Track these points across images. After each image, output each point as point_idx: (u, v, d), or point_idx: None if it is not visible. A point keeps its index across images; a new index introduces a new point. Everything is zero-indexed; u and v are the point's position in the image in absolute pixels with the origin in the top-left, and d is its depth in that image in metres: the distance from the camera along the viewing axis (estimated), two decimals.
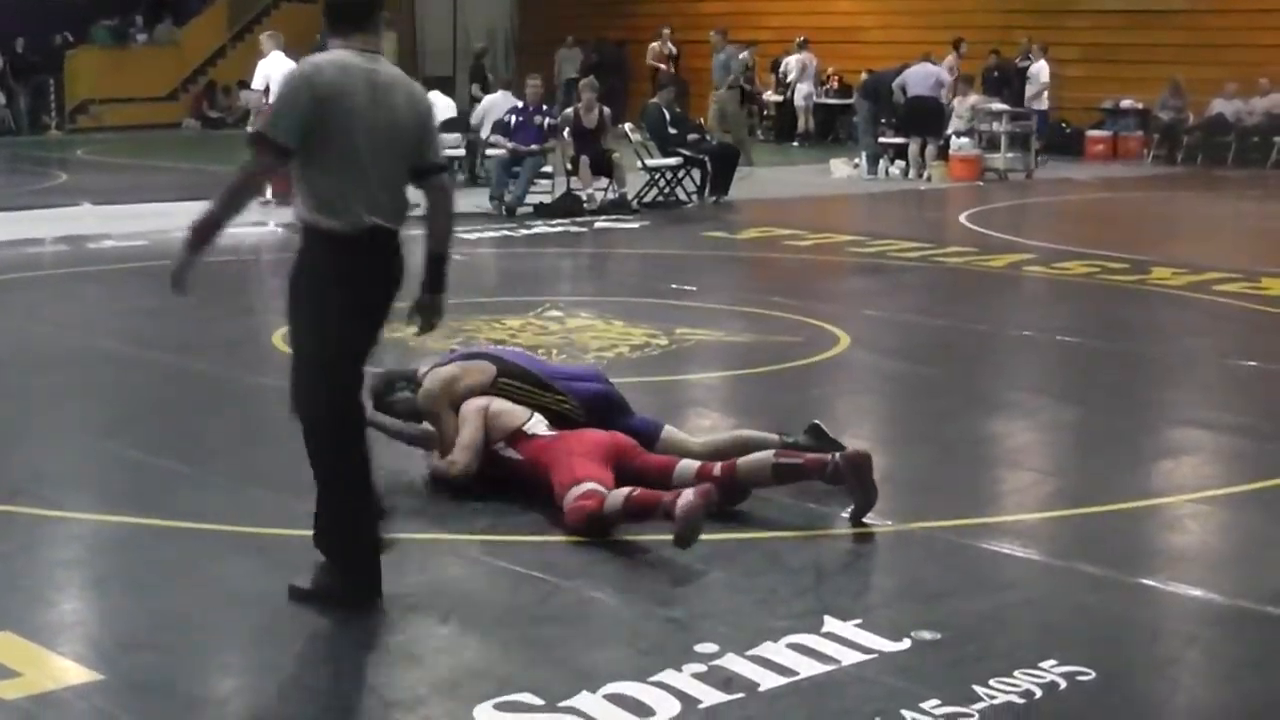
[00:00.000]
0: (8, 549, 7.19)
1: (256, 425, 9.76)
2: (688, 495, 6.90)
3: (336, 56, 6.42)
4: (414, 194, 6.61)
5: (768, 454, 7.74)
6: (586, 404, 8.23)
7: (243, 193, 6.39)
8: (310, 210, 6.35)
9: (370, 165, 6.36)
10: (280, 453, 8.81)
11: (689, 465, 7.74)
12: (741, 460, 7.71)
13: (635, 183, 21.91)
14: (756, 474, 7.65)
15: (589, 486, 7.33)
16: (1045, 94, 29.17)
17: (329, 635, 6.17)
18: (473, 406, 8.05)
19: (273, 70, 19.80)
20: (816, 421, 8.43)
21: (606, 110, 21.73)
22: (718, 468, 7.66)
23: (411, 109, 6.56)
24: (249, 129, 7.29)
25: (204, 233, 6.36)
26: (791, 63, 33.79)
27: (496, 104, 22.91)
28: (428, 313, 6.74)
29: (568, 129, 21.36)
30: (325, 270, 6.34)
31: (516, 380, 8.26)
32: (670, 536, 6.95)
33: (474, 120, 23.42)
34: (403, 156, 6.52)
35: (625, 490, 7.27)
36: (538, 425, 7.95)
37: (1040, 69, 29.22)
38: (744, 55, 29.04)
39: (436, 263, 6.75)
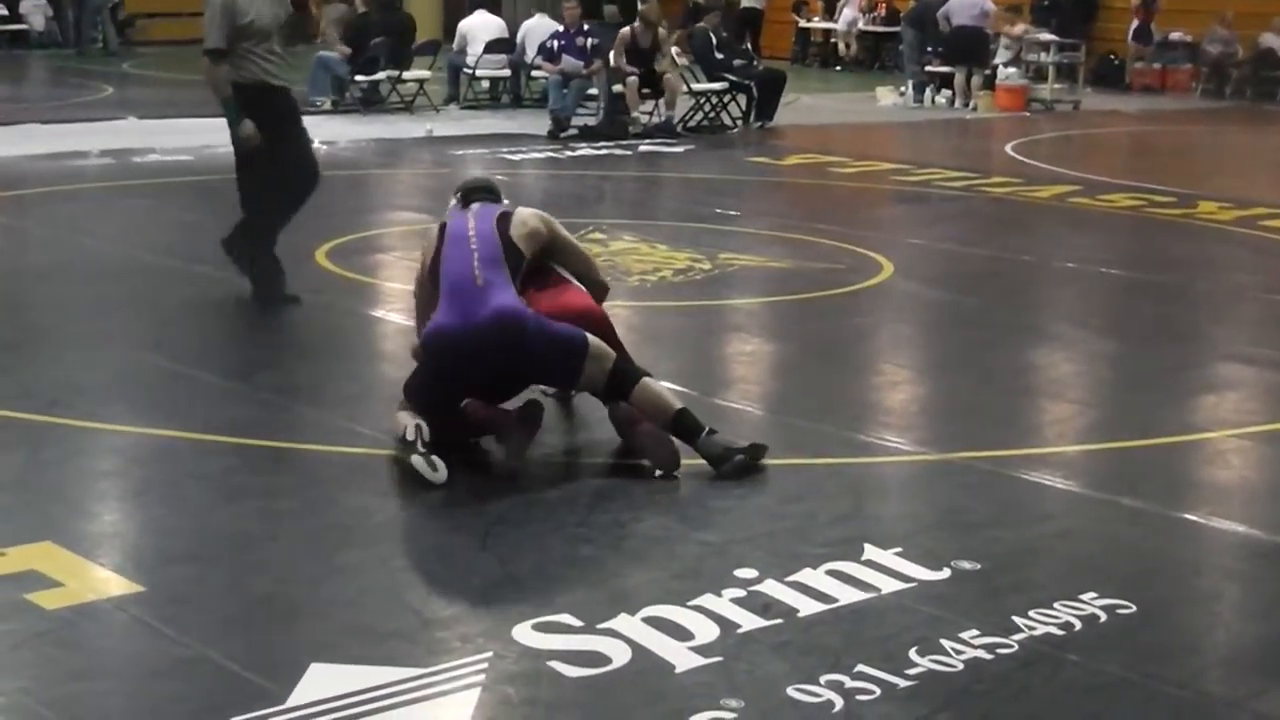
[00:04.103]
0: (49, 459, 7.23)
1: (298, 340, 9.80)
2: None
3: None
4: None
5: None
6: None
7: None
8: None
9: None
10: (321, 368, 8.87)
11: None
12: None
13: (681, 107, 21.85)
14: None
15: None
16: None
17: (367, 553, 6.18)
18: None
19: None
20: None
21: (662, 30, 21.65)
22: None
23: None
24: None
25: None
26: None
27: (535, 28, 22.94)
28: None
29: (624, 50, 21.22)
30: None
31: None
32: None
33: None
34: None
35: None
36: None
37: None
38: None
39: None
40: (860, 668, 5.17)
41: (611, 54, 21.41)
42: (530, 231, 7.50)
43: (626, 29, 21.68)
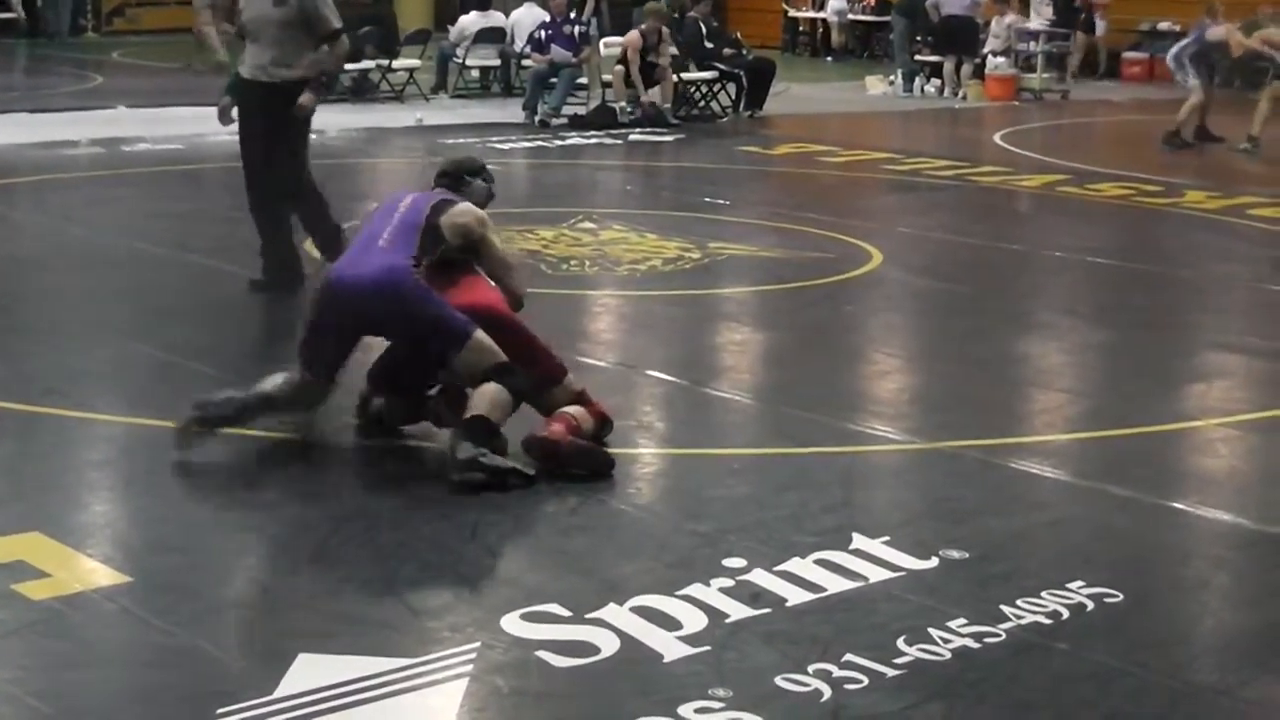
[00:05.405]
0: (38, 449, 7.22)
1: (288, 330, 9.77)
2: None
3: None
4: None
5: None
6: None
7: None
8: None
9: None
10: None
11: None
12: None
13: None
14: None
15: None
16: None
17: (356, 544, 6.18)
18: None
19: None
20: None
21: (665, 29, 21.63)
22: None
23: None
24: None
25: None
26: None
27: (524, 18, 22.95)
28: None
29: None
30: None
31: None
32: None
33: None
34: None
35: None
36: None
37: None
38: None
39: None
40: (848, 657, 5.17)
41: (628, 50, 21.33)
42: (460, 225, 7.43)
43: (636, 34, 21.59)
